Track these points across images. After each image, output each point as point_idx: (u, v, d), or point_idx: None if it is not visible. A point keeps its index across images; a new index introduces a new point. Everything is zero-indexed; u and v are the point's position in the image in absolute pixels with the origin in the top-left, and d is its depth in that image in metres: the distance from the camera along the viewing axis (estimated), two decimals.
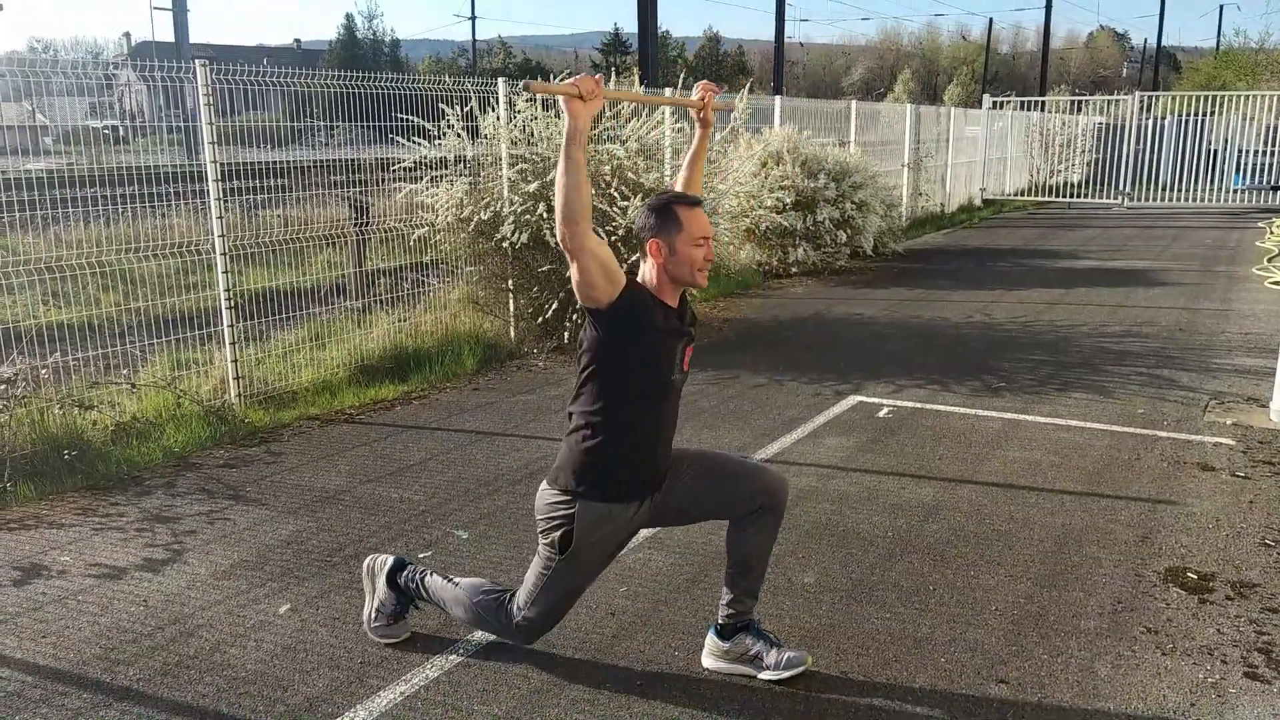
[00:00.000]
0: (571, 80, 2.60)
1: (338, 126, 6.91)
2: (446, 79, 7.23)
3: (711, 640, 3.01)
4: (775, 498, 2.90)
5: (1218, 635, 3.19)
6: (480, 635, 3.19)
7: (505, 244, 6.98)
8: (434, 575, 3.13)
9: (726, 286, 10.05)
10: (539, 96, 7.29)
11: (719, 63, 74.01)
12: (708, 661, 3.02)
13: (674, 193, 2.92)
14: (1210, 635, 3.19)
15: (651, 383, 2.80)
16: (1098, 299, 9.54)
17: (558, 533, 2.79)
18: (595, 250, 2.61)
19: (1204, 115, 19.31)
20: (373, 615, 3.19)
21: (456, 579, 3.10)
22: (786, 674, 2.91)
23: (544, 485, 2.88)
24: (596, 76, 2.63)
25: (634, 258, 6.83)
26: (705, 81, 3.16)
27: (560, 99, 2.59)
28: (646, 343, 2.76)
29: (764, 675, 2.93)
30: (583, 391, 2.81)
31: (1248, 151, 19.38)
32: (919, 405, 5.90)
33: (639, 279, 2.81)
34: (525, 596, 2.91)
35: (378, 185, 7.22)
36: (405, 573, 3.16)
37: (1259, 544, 3.90)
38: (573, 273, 2.65)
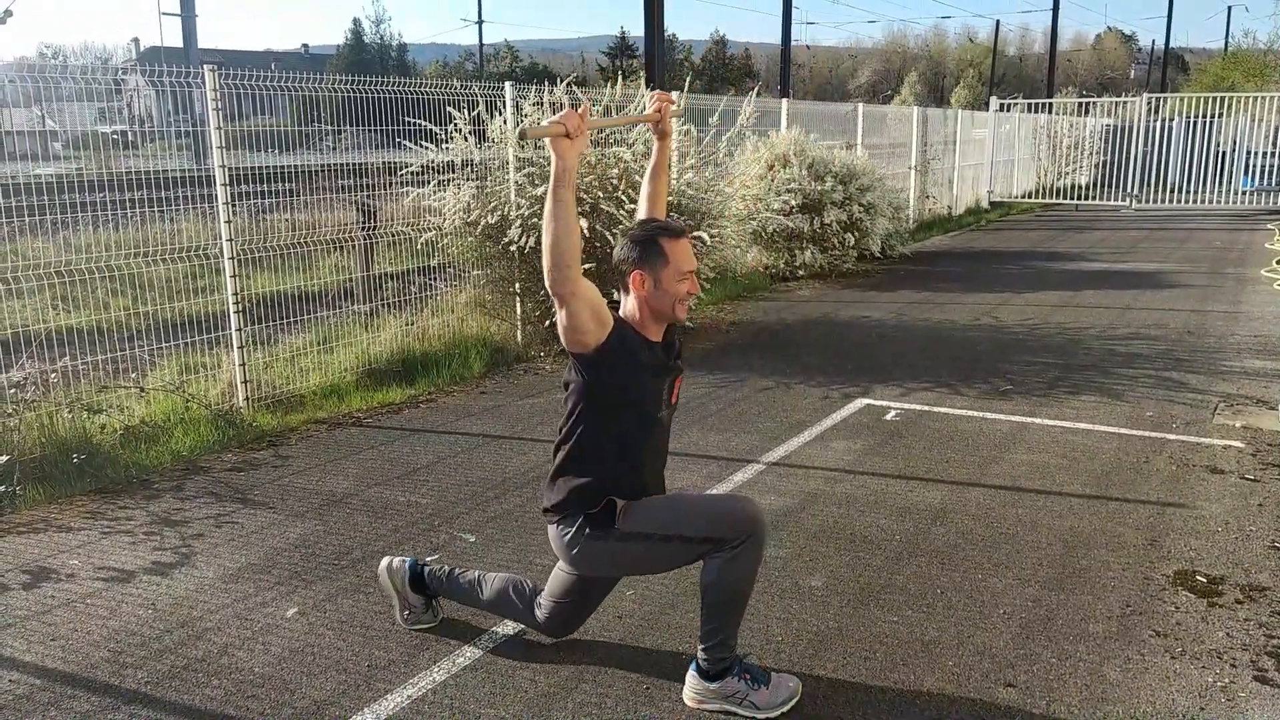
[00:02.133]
0: (557, 118, 2.48)
1: (345, 131, 6.93)
2: (454, 83, 7.25)
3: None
4: None
5: (1227, 639, 3.17)
6: (486, 641, 3.20)
7: (512, 247, 6.99)
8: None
9: (733, 290, 10.05)
10: (545, 100, 7.32)
11: (725, 65, 74.04)
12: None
13: (657, 222, 2.83)
14: (1219, 639, 3.18)
15: (639, 422, 2.75)
16: (1106, 301, 9.51)
17: (593, 522, 2.76)
18: (586, 294, 2.52)
19: (1212, 117, 19.24)
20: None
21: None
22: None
23: (553, 530, 2.85)
24: (580, 109, 2.51)
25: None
26: (660, 92, 3.05)
27: (548, 140, 2.48)
28: (635, 385, 2.70)
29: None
30: (568, 432, 2.75)
31: (1256, 153, 19.34)
32: (927, 408, 5.89)
33: (621, 313, 2.74)
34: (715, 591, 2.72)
35: (385, 189, 7.24)
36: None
37: (1268, 547, 3.89)
38: (560, 319, 2.56)
